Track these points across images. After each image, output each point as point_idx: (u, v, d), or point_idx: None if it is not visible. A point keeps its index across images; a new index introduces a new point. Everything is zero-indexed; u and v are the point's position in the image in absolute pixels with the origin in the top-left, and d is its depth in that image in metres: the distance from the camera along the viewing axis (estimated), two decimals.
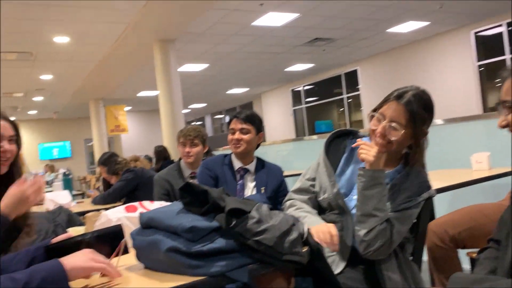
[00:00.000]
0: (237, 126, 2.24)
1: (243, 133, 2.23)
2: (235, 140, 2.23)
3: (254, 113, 2.31)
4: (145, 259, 1.18)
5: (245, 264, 1.07)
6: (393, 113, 1.46)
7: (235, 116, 2.28)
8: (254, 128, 2.25)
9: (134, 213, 1.64)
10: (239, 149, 2.23)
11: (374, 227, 1.43)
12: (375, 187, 1.44)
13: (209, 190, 1.13)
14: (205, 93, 14.41)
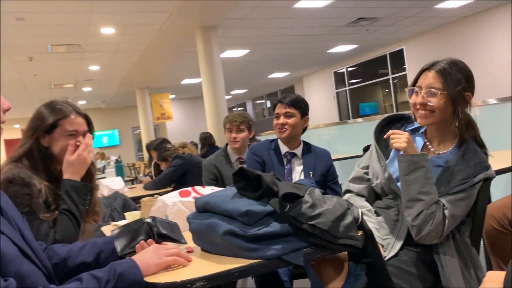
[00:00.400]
0: (281, 111, 2.24)
1: (288, 117, 2.22)
2: (280, 125, 2.23)
3: (299, 97, 2.29)
4: (202, 242, 1.22)
5: (300, 247, 1.08)
6: (428, 81, 1.48)
7: (279, 101, 2.27)
8: (299, 112, 2.24)
9: (187, 197, 1.70)
10: (284, 134, 2.23)
11: (421, 211, 1.40)
12: (416, 171, 1.42)
13: (263, 175, 1.14)
14: (246, 78, 14.45)
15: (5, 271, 0.89)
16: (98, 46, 8.31)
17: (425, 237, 1.42)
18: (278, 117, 2.25)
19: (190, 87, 14.76)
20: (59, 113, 1.54)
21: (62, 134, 1.54)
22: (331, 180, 2.30)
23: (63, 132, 1.54)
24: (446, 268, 1.42)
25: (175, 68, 11.34)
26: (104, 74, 11.00)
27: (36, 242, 1.12)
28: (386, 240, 1.54)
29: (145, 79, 12.58)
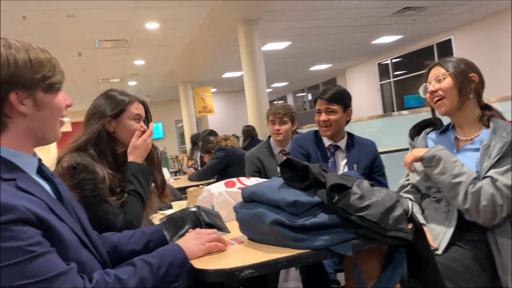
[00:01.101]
0: (322, 107, 2.18)
1: (330, 114, 2.16)
2: (322, 122, 2.17)
3: (340, 91, 2.21)
4: (248, 231, 1.23)
5: (348, 239, 1.07)
6: (433, 73, 1.64)
7: (319, 97, 2.21)
8: (341, 106, 2.17)
9: (233, 188, 1.72)
10: (328, 132, 2.18)
11: (466, 192, 1.41)
12: (438, 163, 1.47)
13: (310, 166, 1.14)
14: (287, 71, 14.37)
15: (67, 257, 0.93)
16: (143, 41, 8.52)
17: (485, 216, 1.39)
18: (320, 113, 2.19)
19: (231, 80, 14.86)
20: (126, 99, 1.66)
21: (128, 118, 1.65)
22: (377, 171, 2.24)
23: (129, 116, 1.66)
24: (504, 253, 1.37)
25: (217, 62, 11.45)
26: (148, 68, 11.28)
27: (94, 231, 1.17)
28: (437, 232, 1.51)
29: (187, 73, 12.79)
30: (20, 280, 0.83)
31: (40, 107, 0.99)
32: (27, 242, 0.85)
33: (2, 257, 0.82)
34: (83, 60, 9.38)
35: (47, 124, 1.02)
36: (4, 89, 0.94)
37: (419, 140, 1.73)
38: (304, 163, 1.15)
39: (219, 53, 10.28)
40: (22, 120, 0.98)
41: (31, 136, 1.01)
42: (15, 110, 0.96)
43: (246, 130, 5.72)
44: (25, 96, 0.97)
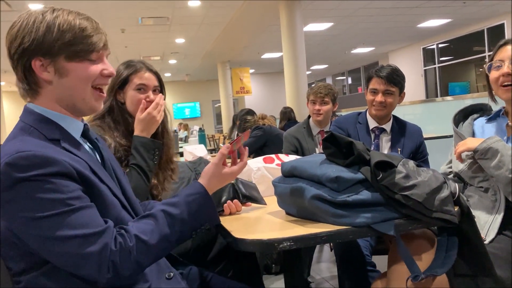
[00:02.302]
0: (380, 87, 2.07)
1: (387, 96, 2.08)
2: (378, 103, 2.08)
3: (398, 71, 2.11)
4: (287, 206, 1.22)
5: (391, 218, 1.04)
6: (509, 53, 1.46)
7: (377, 75, 2.08)
8: (398, 88, 2.09)
9: (271, 164, 1.71)
10: (382, 113, 2.11)
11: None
12: (493, 157, 1.37)
13: (354, 142, 1.11)
14: (328, 53, 14.11)
15: (107, 215, 0.96)
16: (185, 19, 8.57)
17: None
18: (376, 93, 2.09)
19: (270, 61, 14.76)
20: (131, 69, 1.62)
21: (131, 88, 1.60)
22: (421, 158, 2.18)
23: (132, 86, 1.60)
24: None
25: (257, 42, 11.38)
26: (189, 47, 11.36)
27: (135, 198, 1.19)
28: (483, 221, 1.45)
29: (227, 53, 12.80)
30: (57, 231, 0.86)
31: (62, 75, 0.98)
32: (67, 195, 0.88)
33: (42, 208, 0.86)
34: (126, 37, 9.55)
35: (74, 92, 1.00)
36: (27, 56, 0.96)
37: (465, 127, 1.63)
38: (348, 139, 1.12)
39: (259, 33, 10.20)
40: (49, 88, 0.99)
41: (64, 104, 1.01)
42: (39, 77, 0.97)
43: (284, 111, 5.68)
44: (48, 63, 0.97)
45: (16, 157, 0.86)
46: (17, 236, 0.90)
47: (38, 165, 0.87)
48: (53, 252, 0.89)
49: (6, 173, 0.86)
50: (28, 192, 0.86)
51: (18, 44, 0.96)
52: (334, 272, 2.81)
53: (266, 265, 2.90)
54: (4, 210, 0.87)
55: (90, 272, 0.89)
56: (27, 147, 0.89)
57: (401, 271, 1.14)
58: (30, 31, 0.95)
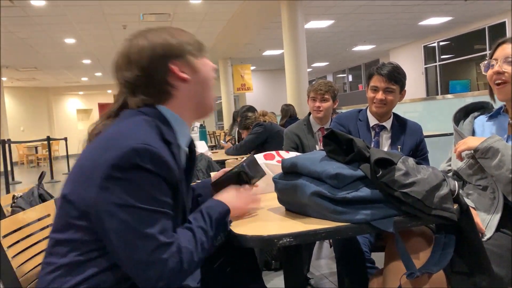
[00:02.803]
0: (381, 85, 2.07)
1: (388, 93, 2.07)
2: (378, 101, 2.09)
3: (399, 69, 2.11)
4: (287, 202, 1.23)
5: (390, 215, 1.04)
6: (504, 52, 1.46)
7: (378, 72, 2.08)
8: (399, 86, 2.09)
9: (272, 160, 1.72)
10: (382, 110, 2.11)
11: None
12: (494, 156, 1.36)
13: (355, 139, 1.11)
14: (329, 51, 14.10)
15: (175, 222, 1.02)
16: (186, 16, 8.56)
17: None
18: (376, 90, 2.09)
19: (271, 58, 14.75)
20: None
21: None
22: (421, 155, 2.19)
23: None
24: None
25: (258, 39, 11.37)
26: None
27: None
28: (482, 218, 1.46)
29: (228, 50, 12.79)
30: (143, 226, 0.92)
31: (195, 70, 1.11)
32: (165, 199, 0.97)
33: (142, 199, 0.92)
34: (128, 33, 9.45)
35: (206, 85, 1.14)
36: (163, 62, 1.06)
37: (465, 125, 1.63)
38: (348, 136, 1.13)
39: (260, 30, 10.20)
40: (186, 87, 1.09)
41: (194, 103, 1.12)
42: (177, 78, 1.08)
43: (285, 108, 5.69)
44: (181, 64, 1.09)
45: (144, 148, 0.94)
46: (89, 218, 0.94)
47: (157, 164, 0.94)
48: (125, 246, 0.92)
49: (130, 156, 0.92)
50: (139, 180, 0.93)
51: (152, 54, 1.06)
52: (334, 268, 2.82)
53: (266, 261, 2.92)
54: (108, 185, 0.92)
55: (147, 278, 0.93)
56: (155, 144, 0.97)
57: (398, 268, 1.15)
58: (157, 41, 1.08)
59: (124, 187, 0.92)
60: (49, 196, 2.16)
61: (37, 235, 1.34)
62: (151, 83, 1.07)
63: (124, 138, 0.96)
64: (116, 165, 0.92)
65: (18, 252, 1.21)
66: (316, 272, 2.92)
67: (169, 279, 0.94)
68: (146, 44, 1.07)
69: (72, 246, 0.97)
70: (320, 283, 2.76)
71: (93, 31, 9.01)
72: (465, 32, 11.56)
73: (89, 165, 0.96)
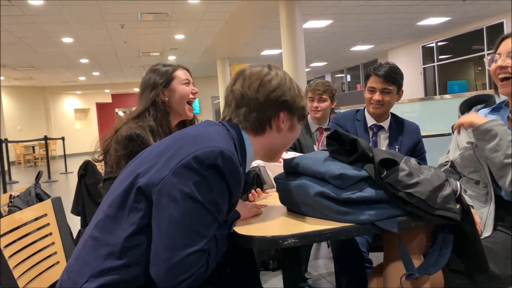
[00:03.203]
0: (378, 86, 2.07)
1: (385, 94, 2.07)
2: (375, 101, 2.08)
3: (396, 69, 2.11)
4: (289, 202, 1.22)
5: (394, 215, 1.04)
6: (507, 47, 1.47)
7: (375, 73, 2.08)
8: (396, 87, 2.09)
9: None
10: (379, 111, 2.11)
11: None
12: (492, 139, 1.38)
13: (358, 140, 1.11)
14: (327, 51, 14.10)
15: None
16: (184, 15, 8.54)
17: None
18: (373, 91, 2.09)
19: (269, 58, 14.74)
20: (170, 68, 1.76)
21: (178, 83, 1.75)
22: (419, 155, 2.18)
23: (179, 81, 1.75)
24: None
25: (256, 39, 11.36)
26: (188, 43, 11.33)
27: None
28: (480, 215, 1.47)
29: (226, 50, 12.77)
30: (192, 221, 0.94)
31: (291, 130, 1.19)
32: (222, 207, 1.00)
33: (203, 194, 0.95)
34: (125, 32, 9.51)
35: (286, 144, 1.21)
36: (282, 107, 1.15)
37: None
38: (352, 137, 1.13)
39: (258, 29, 10.18)
40: (276, 134, 1.16)
41: (269, 148, 1.18)
42: (278, 125, 1.15)
43: None
44: (287, 118, 1.17)
45: (229, 155, 0.99)
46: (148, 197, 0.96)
47: (233, 174, 1.00)
48: (168, 233, 0.93)
49: (215, 155, 0.97)
50: (213, 179, 0.96)
51: (281, 95, 1.15)
52: (331, 268, 2.82)
53: (264, 261, 2.91)
54: (184, 173, 0.95)
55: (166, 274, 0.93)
56: (234, 153, 1.02)
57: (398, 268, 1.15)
58: (290, 89, 1.17)
59: (197, 180, 0.95)
60: (46, 195, 2.14)
61: (34, 235, 1.33)
62: (262, 113, 1.14)
63: (212, 140, 1.01)
64: (198, 158, 0.95)
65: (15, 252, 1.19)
66: (314, 272, 2.91)
67: (192, 282, 0.95)
68: (282, 82, 1.16)
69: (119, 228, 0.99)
70: (318, 283, 2.75)
71: (90, 30, 8.97)
72: (463, 32, 11.58)
73: (170, 152, 1.00)
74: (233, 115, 1.15)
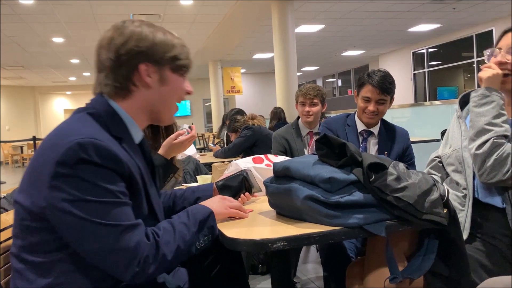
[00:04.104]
0: (373, 96, 2.04)
1: (379, 104, 2.07)
2: (370, 112, 2.07)
3: (391, 78, 2.09)
4: (279, 206, 1.22)
5: (383, 219, 1.05)
6: (508, 41, 1.44)
7: (371, 84, 2.03)
8: (390, 96, 2.10)
9: (260, 164, 1.70)
10: (373, 121, 2.12)
11: (488, 139, 1.33)
12: (486, 104, 1.39)
13: (347, 144, 1.11)
14: (319, 55, 14.17)
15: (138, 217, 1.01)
16: (177, 17, 8.53)
17: (489, 171, 1.32)
18: (368, 101, 2.07)
19: (261, 61, 14.77)
20: None
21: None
22: (408, 161, 2.20)
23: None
24: None
25: (248, 42, 11.38)
26: None
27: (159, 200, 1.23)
28: None
29: (218, 52, 12.77)
30: (102, 218, 0.92)
31: (163, 83, 1.08)
32: (119, 188, 0.95)
33: (95, 192, 0.91)
34: None
35: (166, 101, 1.10)
36: (138, 59, 1.04)
37: (464, 112, 1.60)
38: (341, 141, 1.13)
39: (251, 32, 10.20)
40: (145, 91, 1.07)
41: (148, 109, 1.09)
42: (142, 80, 1.05)
43: (275, 111, 5.69)
44: (153, 70, 1.06)
45: (89, 142, 0.92)
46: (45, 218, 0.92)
47: (104, 157, 0.93)
48: (88, 239, 0.92)
49: (75, 150, 0.91)
50: (87, 174, 0.91)
51: (133, 46, 1.03)
52: (320, 273, 2.82)
53: (253, 265, 2.90)
54: (58, 184, 0.90)
55: (118, 265, 0.93)
56: (101, 137, 0.95)
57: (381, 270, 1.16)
58: (147, 37, 1.04)
59: (73, 183, 0.90)
60: None
61: None
62: (117, 72, 1.04)
63: (67, 134, 0.94)
64: (61, 162, 0.90)
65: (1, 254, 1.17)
66: (303, 276, 2.91)
67: (145, 262, 0.94)
68: (135, 34, 1.04)
69: (33, 249, 0.96)
70: (307, 287, 2.75)
71: (82, 30, 8.92)
72: (453, 39, 11.72)
73: (37, 166, 0.95)
74: (96, 85, 1.07)
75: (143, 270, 0.94)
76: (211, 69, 14.24)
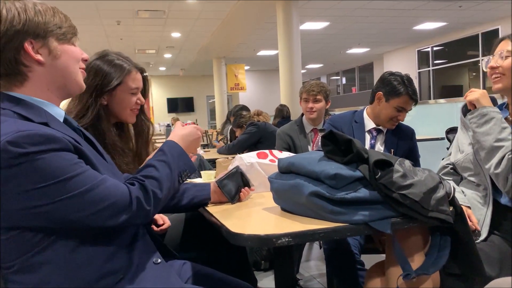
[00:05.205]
0: (408, 107, 2.09)
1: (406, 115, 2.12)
2: (396, 120, 2.12)
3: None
4: (284, 202, 1.21)
5: (388, 216, 1.04)
6: (500, 47, 1.51)
7: (411, 97, 2.05)
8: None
9: (265, 159, 1.69)
10: (393, 127, 2.16)
11: (503, 156, 1.36)
12: (487, 123, 1.42)
13: (353, 140, 1.10)
14: (323, 53, 14.13)
15: None
16: (181, 14, 8.52)
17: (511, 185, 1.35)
18: (401, 111, 2.09)
19: (265, 59, 14.75)
20: (122, 70, 1.49)
21: (125, 91, 1.50)
22: (413, 160, 2.19)
23: (126, 89, 1.50)
24: None
25: (253, 39, 11.36)
26: (184, 41, 11.31)
27: None
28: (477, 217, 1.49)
29: (222, 49, 12.76)
30: (76, 190, 0.92)
31: (55, 56, 1.02)
32: (74, 161, 0.94)
33: (53, 175, 0.90)
34: (122, 28, 9.48)
35: (66, 73, 1.04)
36: (18, 38, 0.96)
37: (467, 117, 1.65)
38: (347, 137, 1.12)
39: (256, 29, 10.18)
40: (41, 70, 1.00)
41: (54, 87, 1.03)
42: (31, 59, 0.99)
43: (280, 108, 5.68)
44: (39, 45, 0.99)
45: (17, 136, 0.87)
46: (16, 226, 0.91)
47: (41, 143, 0.89)
48: (76, 210, 0.92)
49: (8, 150, 0.86)
50: (33, 165, 0.88)
51: (8, 27, 0.95)
52: (323, 270, 2.82)
53: (256, 261, 2.90)
54: (6, 189, 0.87)
55: (115, 215, 0.97)
56: (26, 127, 0.90)
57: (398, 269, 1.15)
58: (19, 14, 0.96)
59: (24, 180, 0.87)
60: None
61: None
62: (3, 58, 0.96)
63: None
64: (3, 167, 0.85)
65: None
66: (306, 273, 2.91)
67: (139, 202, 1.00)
68: (5, 14, 0.95)
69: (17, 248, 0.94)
70: (309, 284, 2.75)
71: (86, 26, 8.92)
72: (458, 38, 11.65)
73: None
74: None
75: (142, 208, 1.01)
76: (215, 66, 14.24)
